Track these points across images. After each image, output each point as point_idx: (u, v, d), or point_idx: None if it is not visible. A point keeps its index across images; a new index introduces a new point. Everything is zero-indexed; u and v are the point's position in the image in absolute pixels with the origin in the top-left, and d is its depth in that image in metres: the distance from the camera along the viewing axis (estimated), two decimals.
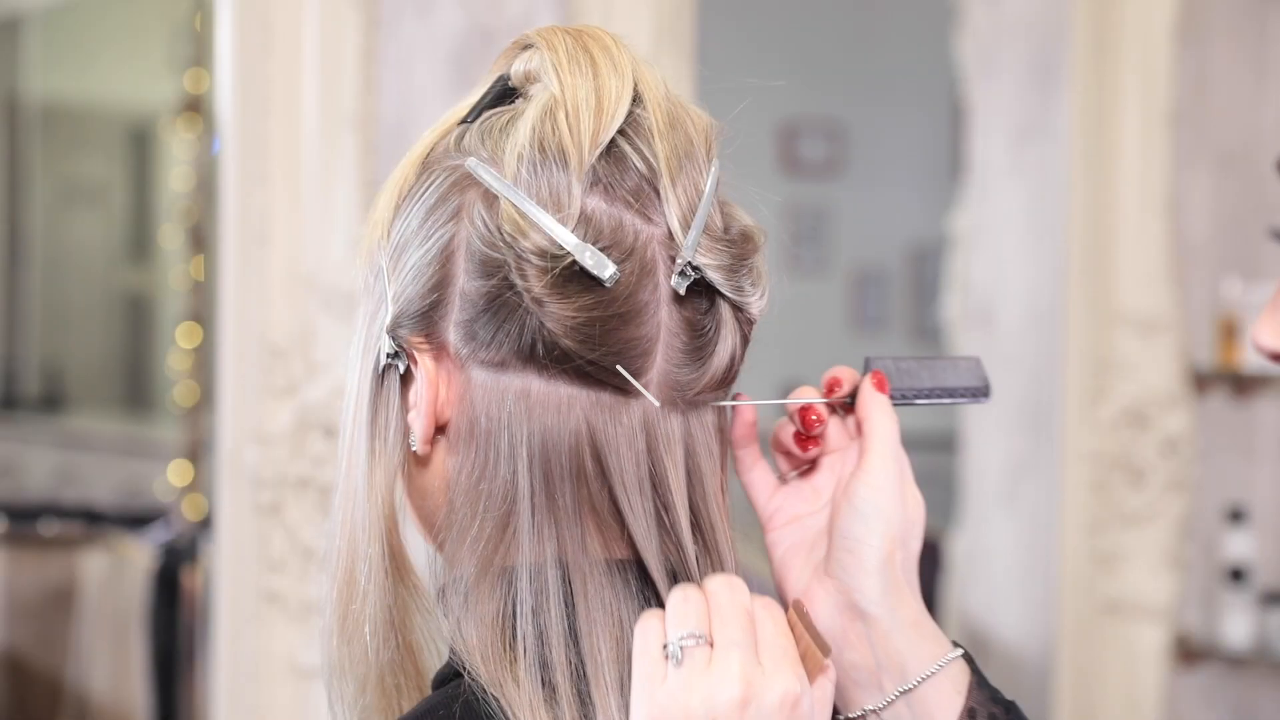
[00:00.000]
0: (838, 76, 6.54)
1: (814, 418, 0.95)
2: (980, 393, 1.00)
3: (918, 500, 0.93)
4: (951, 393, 0.99)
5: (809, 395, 0.96)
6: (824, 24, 6.56)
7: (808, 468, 0.97)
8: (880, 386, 0.94)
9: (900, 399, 0.96)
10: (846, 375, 0.96)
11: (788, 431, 0.97)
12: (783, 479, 0.98)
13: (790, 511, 0.96)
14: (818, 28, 6.53)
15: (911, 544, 0.92)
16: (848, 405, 0.96)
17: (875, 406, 0.93)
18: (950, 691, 0.90)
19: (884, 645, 0.90)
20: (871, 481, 0.91)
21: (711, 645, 0.81)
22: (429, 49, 2.51)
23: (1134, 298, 3.21)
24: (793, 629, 0.84)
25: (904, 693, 0.90)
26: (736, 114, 0.92)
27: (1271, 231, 0.78)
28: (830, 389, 0.96)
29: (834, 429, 0.96)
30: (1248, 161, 3.35)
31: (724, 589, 0.83)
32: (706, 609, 0.82)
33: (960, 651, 0.92)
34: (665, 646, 0.81)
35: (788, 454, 0.98)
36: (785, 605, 0.89)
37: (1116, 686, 3.24)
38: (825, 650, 0.84)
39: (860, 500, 0.91)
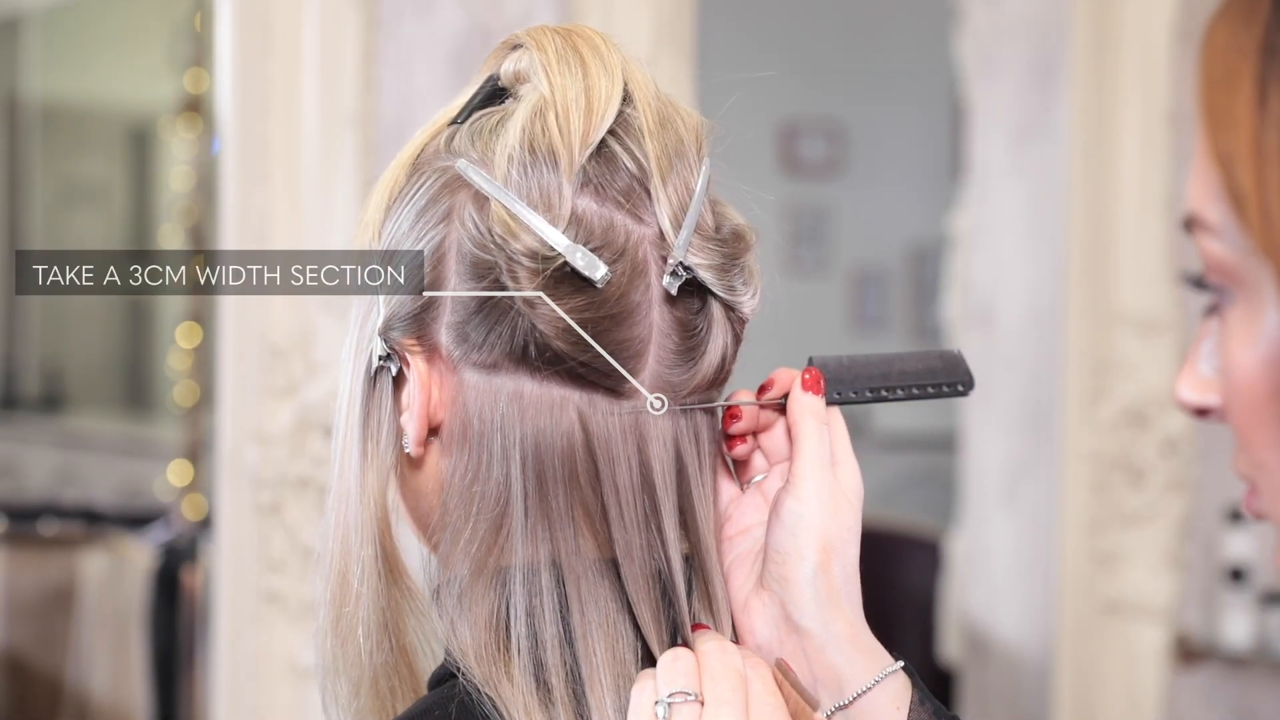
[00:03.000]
0: (838, 76, 6.54)
1: (730, 416, 0.91)
2: (956, 386, 0.94)
3: (853, 506, 0.89)
4: (919, 386, 0.93)
5: (744, 397, 0.92)
6: (824, 24, 6.56)
7: (763, 477, 0.94)
8: (811, 386, 0.90)
9: (849, 397, 0.92)
10: (782, 376, 0.92)
11: None
12: (741, 486, 0.95)
13: (741, 521, 0.93)
14: (818, 28, 6.52)
15: (849, 551, 0.89)
16: (781, 408, 0.92)
17: (801, 410, 0.90)
18: (889, 707, 0.87)
19: (819, 660, 0.87)
20: (797, 493, 0.88)
21: (702, 704, 0.80)
22: (429, 49, 2.51)
23: (1134, 298, 3.21)
24: (780, 688, 0.84)
25: (840, 708, 0.87)
26: (736, 114, 0.92)
27: (1185, 277, 0.77)
28: (762, 391, 0.92)
29: (780, 435, 0.92)
30: None
31: (715, 650, 0.82)
32: (697, 668, 0.81)
33: (899, 665, 0.88)
34: (656, 704, 0.80)
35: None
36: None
37: (1116, 686, 3.24)
38: (814, 705, 0.83)
39: (786, 513, 0.88)
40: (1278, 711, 3.31)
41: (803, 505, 0.88)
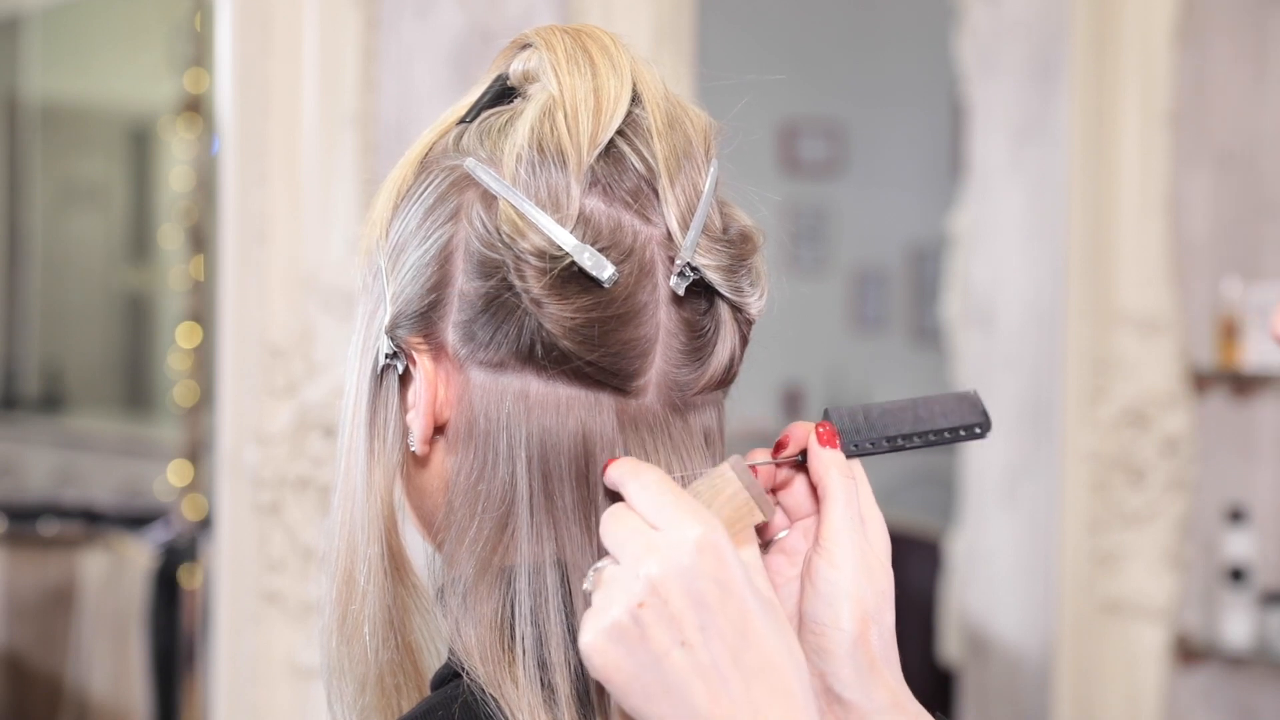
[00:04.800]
0: (838, 76, 6.54)
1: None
2: (974, 430, 0.92)
3: (884, 566, 0.86)
4: (936, 432, 0.91)
5: (760, 457, 0.89)
6: (824, 24, 6.56)
7: (785, 534, 0.91)
8: (827, 440, 0.88)
9: (866, 449, 0.89)
10: (797, 432, 0.89)
11: None
12: (763, 547, 0.91)
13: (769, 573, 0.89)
14: (818, 28, 6.52)
15: (885, 616, 0.86)
16: (799, 464, 0.89)
17: (827, 467, 0.87)
18: None
19: None
20: (831, 559, 0.85)
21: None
22: (429, 49, 2.51)
23: (1134, 298, 3.21)
24: (720, 492, 0.82)
25: None
26: (737, 113, 0.92)
27: None
28: (778, 449, 0.89)
29: (801, 492, 0.90)
30: (1247, 161, 3.35)
31: (604, 518, 0.81)
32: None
33: None
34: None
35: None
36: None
37: (1116, 686, 3.24)
38: (767, 515, 0.82)
39: (822, 582, 0.85)
40: (1278, 711, 3.31)
41: (838, 572, 0.85)
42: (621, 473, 0.81)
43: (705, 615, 0.77)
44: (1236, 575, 3.23)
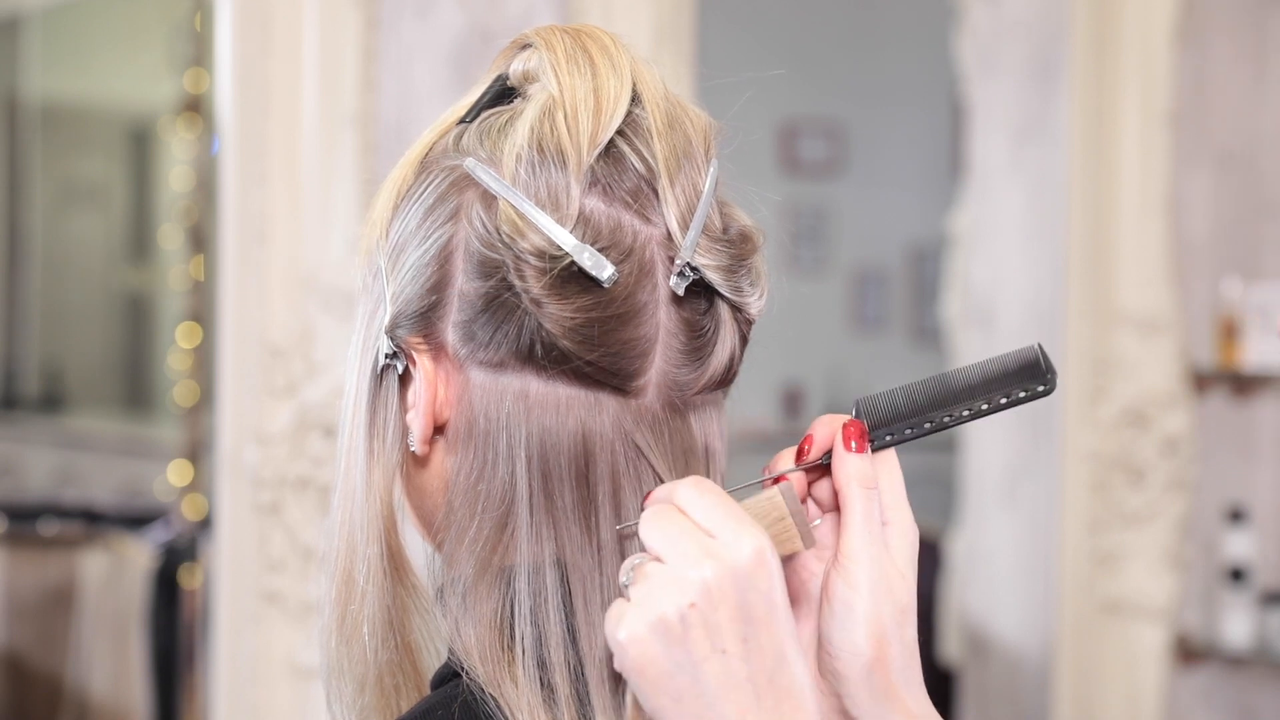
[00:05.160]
0: (838, 76, 6.54)
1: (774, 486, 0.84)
2: (1035, 387, 0.83)
3: (905, 577, 0.84)
4: (988, 400, 0.83)
5: (785, 462, 0.86)
6: (824, 24, 6.56)
7: (819, 522, 0.87)
8: (855, 439, 0.84)
9: (905, 434, 0.84)
10: (820, 431, 0.86)
11: None
12: None
13: (794, 576, 0.87)
14: (818, 28, 6.53)
15: (906, 631, 0.83)
16: (825, 467, 0.85)
17: (847, 478, 0.84)
18: None
19: None
20: (848, 577, 0.83)
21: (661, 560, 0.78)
22: (429, 49, 2.51)
23: (1134, 298, 3.21)
24: (765, 515, 0.81)
25: None
26: (737, 113, 0.92)
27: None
28: (800, 452, 0.86)
29: (827, 489, 0.86)
30: (1247, 161, 3.36)
31: (647, 516, 0.80)
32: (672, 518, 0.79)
33: None
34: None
35: None
36: None
37: (1116, 686, 3.24)
38: (809, 543, 0.81)
39: (838, 603, 0.83)
40: (1278, 711, 3.31)
41: (854, 593, 0.83)
42: (673, 482, 0.81)
43: (749, 628, 0.77)
44: (1236, 575, 3.23)
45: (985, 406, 0.84)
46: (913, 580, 0.85)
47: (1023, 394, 0.84)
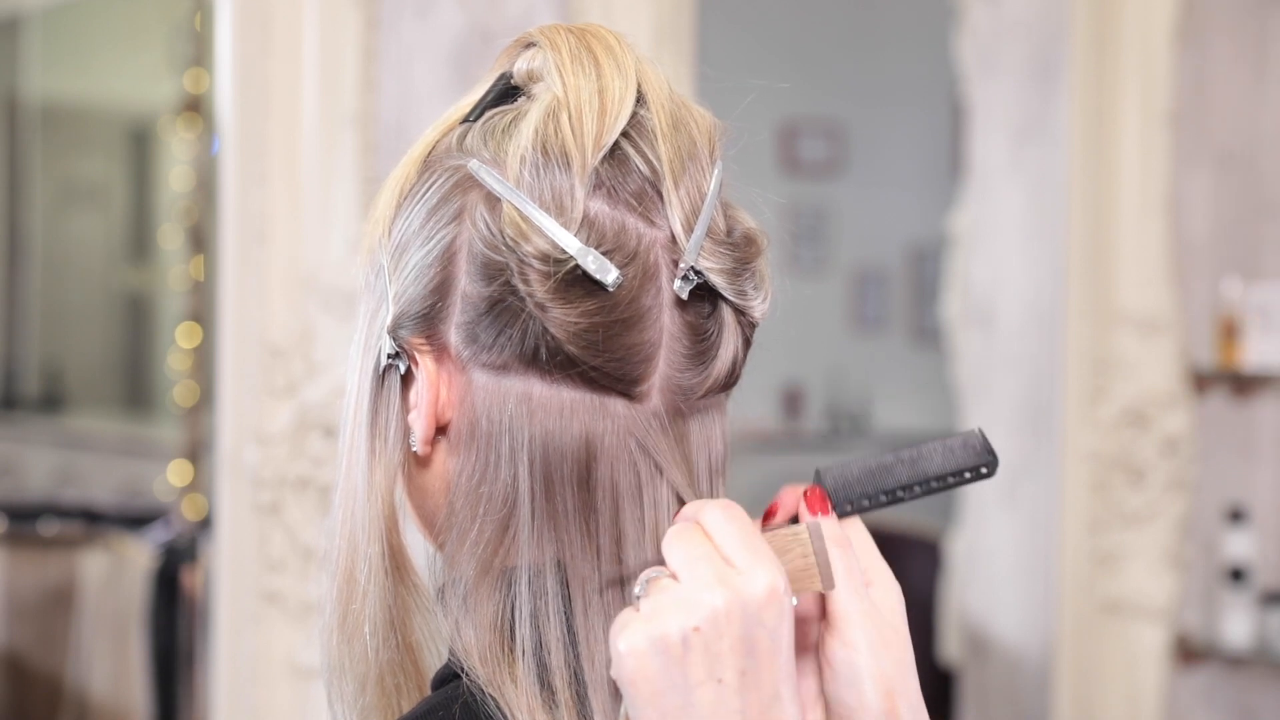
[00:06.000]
0: (838, 76, 6.54)
1: None
2: (979, 470, 0.88)
3: (898, 631, 0.84)
4: (939, 478, 0.87)
5: (789, 497, 0.87)
6: (824, 24, 6.56)
7: None
8: (816, 506, 0.85)
9: (862, 505, 0.86)
10: (786, 500, 0.87)
11: None
12: None
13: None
14: (818, 28, 6.53)
15: (909, 684, 0.83)
16: None
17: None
18: None
19: None
20: (844, 638, 0.83)
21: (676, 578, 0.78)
22: (429, 49, 2.51)
23: (1134, 298, 3.21)
24: (788, 550, 0.81)
25: None
26: (737, 114, 0.91)
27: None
28: (768, 517, 0.87)
29: None
30: (1247, 161, 3.36)
31: (673, 532, 0.80)
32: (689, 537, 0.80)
33: None
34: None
35: None
36: None
37: (1116, 686, 3.24)
38: (828, 584, 0.81)
39: (840, 664, 0.83)
40: (1278, 711, 3.32)
41: (854, 653, 0.83)
42: (704, 501, 0.81)
43: (750, 661, 0.77)
44: (1236, 575, 3.24)
45: (935, 485, 0.88)
46: (907, 634, 0.85)
47: (968, 475, 0.88)
